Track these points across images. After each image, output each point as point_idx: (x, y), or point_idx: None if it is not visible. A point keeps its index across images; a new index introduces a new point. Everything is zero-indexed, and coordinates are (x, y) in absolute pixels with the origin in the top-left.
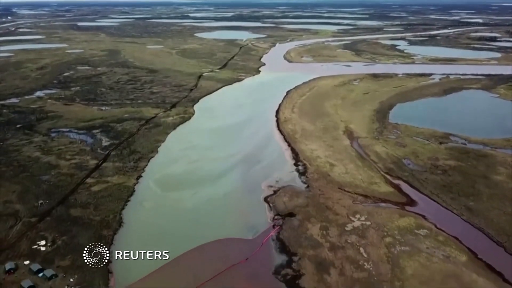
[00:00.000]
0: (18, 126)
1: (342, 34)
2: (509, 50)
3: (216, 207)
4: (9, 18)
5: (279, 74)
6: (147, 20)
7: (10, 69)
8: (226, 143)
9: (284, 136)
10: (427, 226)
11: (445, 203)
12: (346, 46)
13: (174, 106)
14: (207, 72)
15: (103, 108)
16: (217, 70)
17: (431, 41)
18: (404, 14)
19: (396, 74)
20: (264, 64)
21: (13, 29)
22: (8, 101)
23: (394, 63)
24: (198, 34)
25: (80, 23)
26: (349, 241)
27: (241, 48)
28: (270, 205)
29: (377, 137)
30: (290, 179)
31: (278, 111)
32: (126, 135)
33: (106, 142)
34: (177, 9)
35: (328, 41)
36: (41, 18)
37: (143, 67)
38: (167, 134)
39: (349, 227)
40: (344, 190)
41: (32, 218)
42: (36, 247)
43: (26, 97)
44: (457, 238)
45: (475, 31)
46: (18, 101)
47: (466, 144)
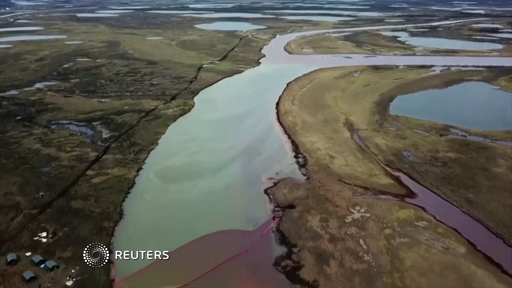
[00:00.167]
0: (18, 118)
1: (343, 25)
2: (511, 42)
3: (216, 199)
4: (7, 9)
5: (280, 65)
6: (147, 11)
7: (9, 60)
8: (226, 135)
9: (284, 128)
10: (427, 218)
11: (444, 195)
12: (346, 38)
13: (174, 98)
14: (207, 63)
15: (103, 100)
16: (217, 61)
17: (433, 32)
18: (405, 5)
19: (397, 66)
20: (264, 55)
21: (11, 20)
22: (7, 93)
23: (395, 55)
24: (198, 26)
25: (79, 14)
26: (348, 232)
27: (241, 39)
28: (270, 197)
29: (377, 129)
30: (290, 171)
31: (278, 103)
32: (126, 127)
33: (106, 134)
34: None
35: (328, 32)
36: (39, 9)
37: (143, 59)
38: (167, 126)
39: (348, 219)
40: (344, 182)
41: (33, 210)
42: (37, 239)
43: (25, 89)
44: (456, 230)
45: (477, 22)
46: (17, 93)
47: (466, 136)
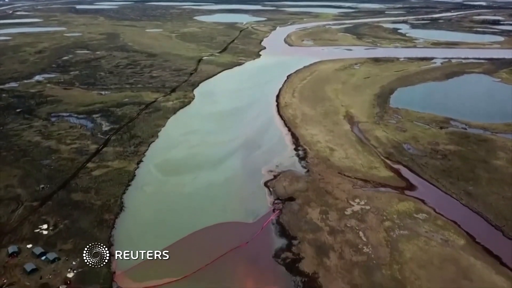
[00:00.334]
0: (18, 110)
1: (343, 17)
2: None
3: (216, 192)
4: (6, 0)
5: (280, 58)
6: (146, 3)
7: (8, 53)
8: (226, 128)
9: (284, 121)
10: (426, 210)
11: (444, 188)
12: (347, 30)
13: (174, 90)
14: (207, 56)
15: (103, 92)
16: (217, 54)
17: (433, 24)
18: None
19: (397, 58)
20: (264, 47)
21: (10, 12)
22: (7, 85)
23: (396, 47)
24: (198, 17)
25: (78, 6)
26: (348, 225)
27: (241, 31)
28: (270, 189)
29: (377, 121)
30: (290, 164)
31: (278, 96)
32: (126, 120)
33: (106, 126)
34: None
35: (329, 24)
36: (38, 1)
37: (143, 51)
38: (167, 118)
39: (348, 211)
40: (344, 175)
41: (33, 202)
42: (38, 231)
43: (25, 81)
44: (455, 222)
45: (478, 14)
46: (17, 85)
47: (466, 128)
